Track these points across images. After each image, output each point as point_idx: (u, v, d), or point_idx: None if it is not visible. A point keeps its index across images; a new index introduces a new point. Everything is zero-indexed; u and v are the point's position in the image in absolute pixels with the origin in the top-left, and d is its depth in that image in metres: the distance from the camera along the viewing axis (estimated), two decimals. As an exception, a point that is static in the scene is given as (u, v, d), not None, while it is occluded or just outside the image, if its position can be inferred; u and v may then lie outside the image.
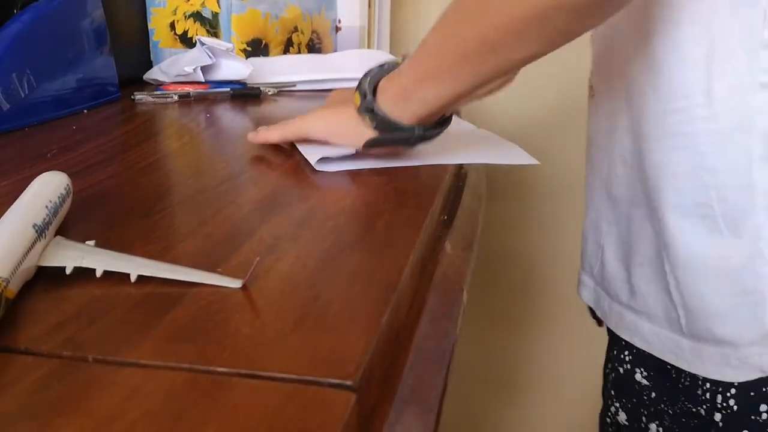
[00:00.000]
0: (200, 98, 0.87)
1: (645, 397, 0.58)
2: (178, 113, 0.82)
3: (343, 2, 1.12)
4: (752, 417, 0.52)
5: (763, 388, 0.52)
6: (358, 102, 0.57)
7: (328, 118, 0.61)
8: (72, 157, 0.61)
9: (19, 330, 0.33)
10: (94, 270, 0.37)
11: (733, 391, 0.52)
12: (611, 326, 0.61)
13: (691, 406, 0.55)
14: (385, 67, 0.58)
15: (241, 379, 0.29)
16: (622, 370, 0.60)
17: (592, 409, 0.78)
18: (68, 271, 0.37)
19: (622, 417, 0.60)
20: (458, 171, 0.65)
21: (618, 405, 0.61)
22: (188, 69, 0.89)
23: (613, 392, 0.61)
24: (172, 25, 0.99)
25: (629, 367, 0.59)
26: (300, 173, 0.58)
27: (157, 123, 0.80)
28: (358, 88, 0.57)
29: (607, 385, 0.73)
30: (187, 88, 0.88)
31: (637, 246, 0.57)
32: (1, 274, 0.33)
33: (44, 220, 0.39)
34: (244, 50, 0.97)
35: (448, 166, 0.61)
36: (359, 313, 0.35)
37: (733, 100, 0.49)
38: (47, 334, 0.32)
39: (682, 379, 0.55)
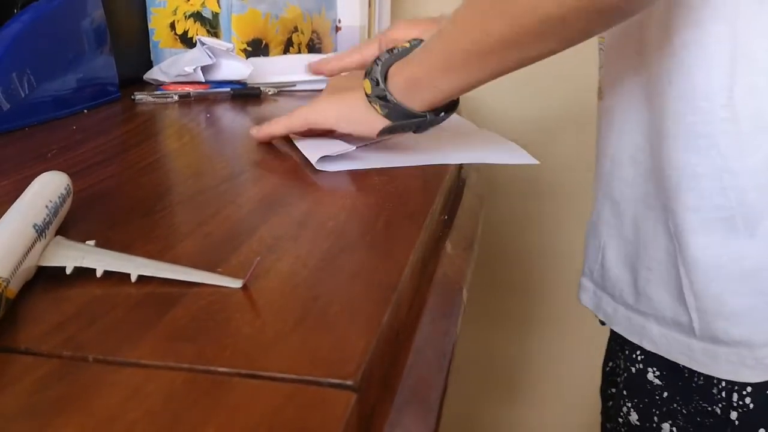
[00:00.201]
0: (200, 98, 0.87)
1: (657, 397, 0.58)
2: (178, 113, 0.82)
3: (343, 2, 1.12)
4: None
5: None
6: (369, 89, 0.56)
7: (336, 105, 0.60)
8: (72, 157, 0.61)
9: (19, 330, 0.33)
10: (95, 270, 0.37)
11: (749, 389, 0.52)
12: (618, 330, 0.61)
13: (706, 405, 0.54)
14: (395, 52, 0.57)
15: (242, 379, 0.29)
16: (634, 370, 0.59)
17: (592, 409, 0.78)
18: (68, 271, 0.37)
19: (634, 417, 0.60)
20: (459, 171, 0.65)
21: (630, 405, 0.60)
22: (188, 69, 0.89)
23: (625, 392, 0.60)
24: (173, 25, 0.99)
25: (641, 366, 0.58)
26: (300, 173, 0.58)
27: (157, 123, 0.80)
28: (368, 75, 0.57)
29: (608, 384, 0.73)
30: (188, 88, 0.88)
31: (644, 248, 0.56)
32: (1, 274, 0.33)
33: (44, 220, 0.39)
34: (245, 50, 0.97)
35: (449, 165, 0.61)
36: (359, 313, 0.35)
37: (754, 102, 0.48)
38: (47, 334, 0.32)
39: (695, 379, 0.55)
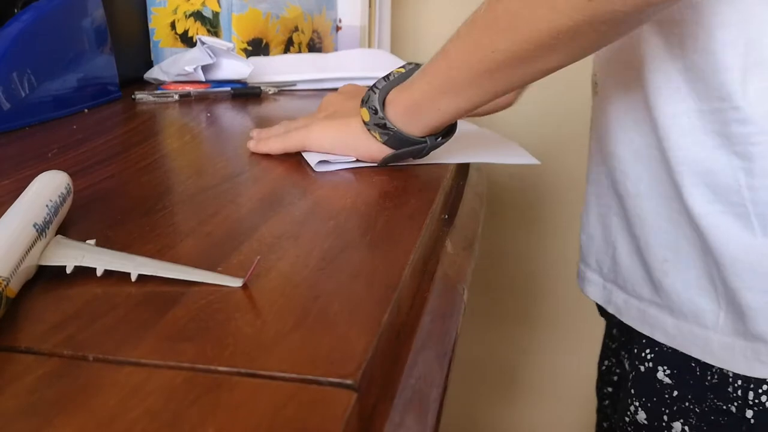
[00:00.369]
0: (201, 98, 0.87)
1: (667, 396, 0.57)
2: (179, 113, 0.82)
3: (343, 2, 1.12)
4: None
5: None
6: (367, 117, 0.56)
7: (334, 132, 0.60)
8: (72, 157, 0.61)
9: (19, 329, 0.33)
10: (95, 269, 0.37)
11: (765, 387, 0.52)
12: (629, 322, 0.61)
13: (721, 404, 0.54)
14: (391, 78, 0.57)
15: (242, 378, 0.29)
16: (643, 369, 0.59)
17: (592, 408, 0.78)
18: (69, 270, 0.37)
19: (642, 416, 0.60)
20: (459, 170, 0.65)
21: (637, 404, 0.60)
22: (189, 68, 0.89)
23: (633, 391, 0.60)
24: (173, 25, 0.99)
25: (651, 365, 0.58)
26: (300, 172, 0.58)
27: (158, 122, 0.80)
28: (365, 104, 0.56)
29: (604, 383, 0.73)
30: (188, 88, 0.88)
31: (660, 241, 0.56)
32: (1, 273, 0.33)
33: (45, 219, 0.39)
34: (245, 50, 0.97)
35: (449, 165, 0.61)
36: (360, 312, 0.35)
37: (765, 103, 0.49)
38: (48, 333, 0.32)
39: (708, 377, 0.55)
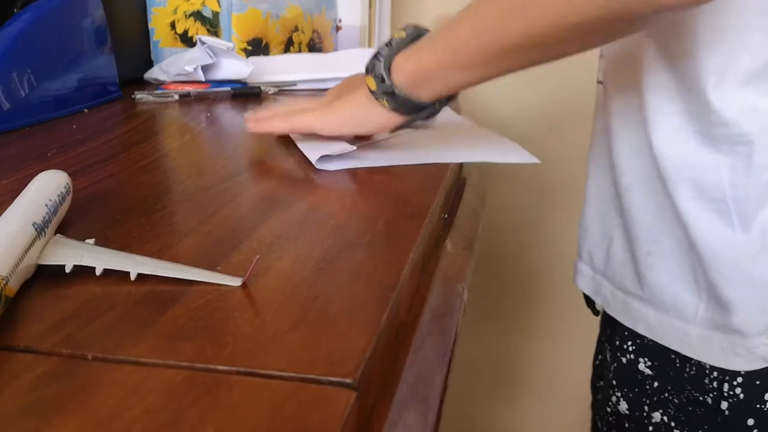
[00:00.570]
0: (201, 97, 0.87)
1: (648, 387, 0.59)
2: (179, 112, 0.82)
3: (343, 2, 1.12)
4: (758, 405, 0.53)
5: None
6: (374, 86, 0.56)
7: (341, 111, 0.60)
8: (72, 156, 0.61)
9: (18, 328, 0.33)
10: (94, 268, 0.37)
11: (740, 379, 0.53)
12: (613, 313, 0.62)
13: (698, 395, 0.55)
14: (393, 44, 0.57)
15: (241, 377, 0.29)
16: (624, 360, 0.60)
17: (590, 406, 0.78)
18: (68, 269, 0.37)
19: (623, 406, 0.61)
20: (459, 170, 0.65)
21: (619, 395, 0.61)
22: (189, 68, 0.89)
23: (614, 382, 0.61)
24: (173, 25, 0.99)
25: (632, 357, 0.59)
26: (300, 172, 0.58)
27: (158, 122, 0.80)
28: (370, 72, 0.56)
29: (598, 377, 0.73)
30: (188, 88, 0.88)
31: (646, 235, 0.57)
32: (0, 272, 0.33)
33: (44, 218, 0.39)
34: (245, 49, 0.97)
35: (449, 164, 0.61)
36: (359, 312, 0.35)
37: (747, 107, 0.49)
38: (47, 332, 0.32)
39: (687, 369, 0.56)
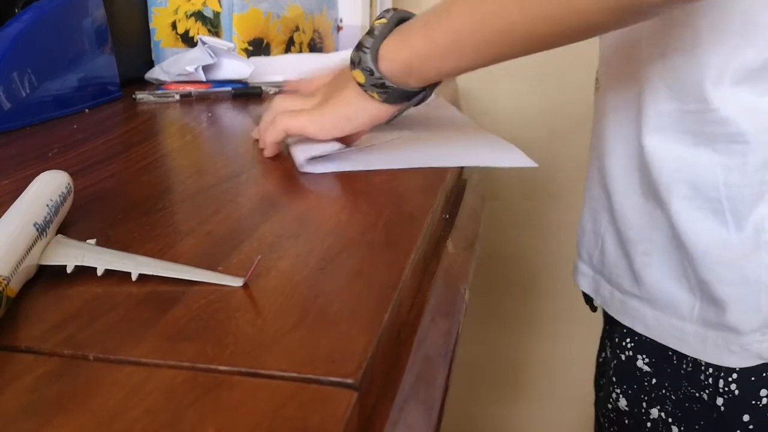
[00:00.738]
0: (201, 97, 0.87)
1: (646, 383, 0.59)
2: (180, 112, 0.82)
3: (344, 1, 1.12)
4: (753, 402, 0.54)
5: (764, 374, 0.53)
6: (363, 79, 0.54)
7: (331, 112, 0.58)
8: (73, 156, 0.61)
9: (19, 328, 0.33)
10: (95, 268, 0.37)
11: (735, 376, 0.54)
12: (612, 313, 0.62)
13: (694, 392, 0.56)
14: (376, 33, 0.54)
15: (242, 378, 0.29)
16: (623, 357, 0.60)
17: (592, 407, 0.78)
18: (69, 269, 0.37)
19: (623, 403, 0.61)
20: (460, 170, 0.65)
21: (618, 391, 0.62)
22: (189, 68, 0.89)
23: (614, 379, 0.62)
24: (174, 25, 0.99)
25: (631, 354, 0.60)
26: (301, 172, 0.58)
27: (159, 122, 0.79)
28: (358, 66, 0.54)
29: (600, 375, 0.73)
30: (189, 88, 0.88)
31: (641, 235, 0.57)
32: (2, 272, 0.33)
33: (45, 218, 0.39)
34: (246, 49, 0.97)
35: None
36: (361, 312, 0.34)
37: (745, 106, 0.49)
38: (48, 333, 0.32)
39: (684, 365, 0.56)
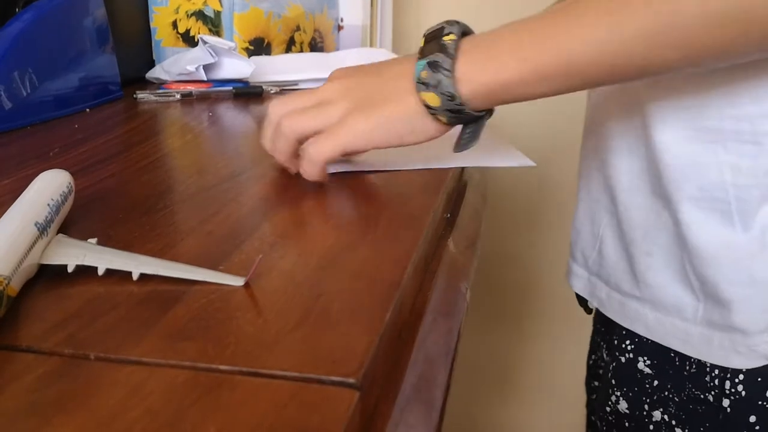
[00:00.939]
0: (202, 97, 0.87)
1: (647, 385, 0.58)
2: (181, 112, 0.82)
3: (345, 1, 1.12)
4: (759, 402, 0.53)
5: None
6: (438, 103, 0.49)
7: (383, 125, 0.51)
8: (74, 156, 0.61)
9: (20, 328, 0.33)
10: (96, 268, 0.37)
11: (741, 377, 0.53)
12: (610, 314, 0.61)
13: (699, 393, 0.55)
14: (450, 50, 0.48)
15: (243, 377, 0.29)
16: (623, 360, 0.60)
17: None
18: (70, 269, 0.37)
19: (623, 405, 0.61)
20: (461, 169, 0.65)
21: (618, 394, 0.61)
22: (190, 68, 0.89)
23: (613, 381, 0.61)
24: (174, 24, 0.99)
25: (631, 356, 0.59)
26: (302, 171, 0.58)
27: (159, 122, 0.79)
28: (432, 88, 0.49)
29: (592, 377, 0.73)
30: (190, 87, 0.88)
31: (644, 235, 0.56)
32: (2, 272, 0.33)
33: (46, 218, 0.39)
34: (247, 49, 0.97)
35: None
36: (362, 311, 0.34)
37: (760, 105, 0.49)
38: (49, 332, 0.32)
39: (687, 367, 0.55)
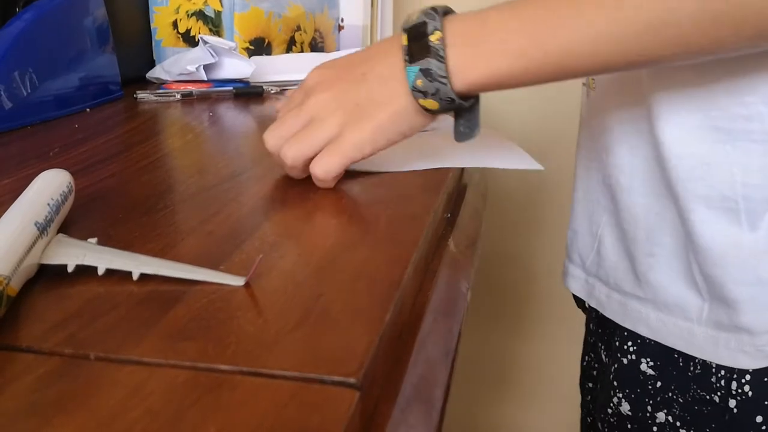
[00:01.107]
0: (203, 97, 0.87)
1: (651, 387, 0.58)
2: (181, 112, 0.82)
3: (345, 1, 1.12)
4: (766, 403, 0.52)
5: None
6: (436, 107, 0.50)
7: (382, 129, 0.52)
8: (74, 156, 0.61)
9: (20, 328, 0.33)
10: (96, 268, 0.37)
11: (748, 377, 0.52)
12: (610, 315, 0.61)
13: (704, 394, 0.54)
14: (441, 53, 0.48)
15: (244, 377, 0.29)
16: (625, 361, 0.59)
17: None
18: (70, 269, 0.37)
19: (626, 407, 0.60)
20: (461, 169, 0.65)
21: (620, 396, 0.60)
22: (191, 68, 0.89)
23: (615, 383, 0.61)
24: (175, 24, 0.99)
25: (633, 357, 0.59)
26: (303, 171, 0.58)
27: (160, 122, 0.79)
28: (432, 96, 0.49)
29: (586, 378, 0.73)
30: (190, 87, 0.88)
31: (647, 235, 0.56)
32: (2, 271, 0.33)
33: (46, 217, 0.39)
34: (247, 49, 0.97)
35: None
36: (362, 311, 0.34)
37: None
38: (49, 332, 0.32)
39: (691, 367, 0.55)
